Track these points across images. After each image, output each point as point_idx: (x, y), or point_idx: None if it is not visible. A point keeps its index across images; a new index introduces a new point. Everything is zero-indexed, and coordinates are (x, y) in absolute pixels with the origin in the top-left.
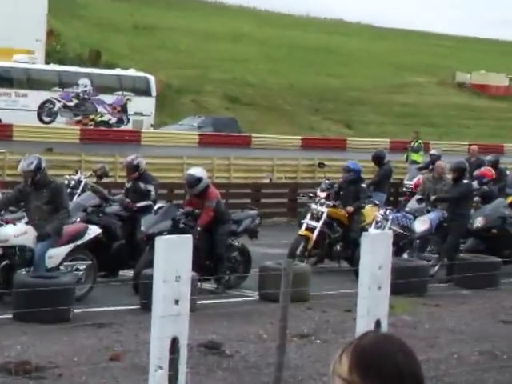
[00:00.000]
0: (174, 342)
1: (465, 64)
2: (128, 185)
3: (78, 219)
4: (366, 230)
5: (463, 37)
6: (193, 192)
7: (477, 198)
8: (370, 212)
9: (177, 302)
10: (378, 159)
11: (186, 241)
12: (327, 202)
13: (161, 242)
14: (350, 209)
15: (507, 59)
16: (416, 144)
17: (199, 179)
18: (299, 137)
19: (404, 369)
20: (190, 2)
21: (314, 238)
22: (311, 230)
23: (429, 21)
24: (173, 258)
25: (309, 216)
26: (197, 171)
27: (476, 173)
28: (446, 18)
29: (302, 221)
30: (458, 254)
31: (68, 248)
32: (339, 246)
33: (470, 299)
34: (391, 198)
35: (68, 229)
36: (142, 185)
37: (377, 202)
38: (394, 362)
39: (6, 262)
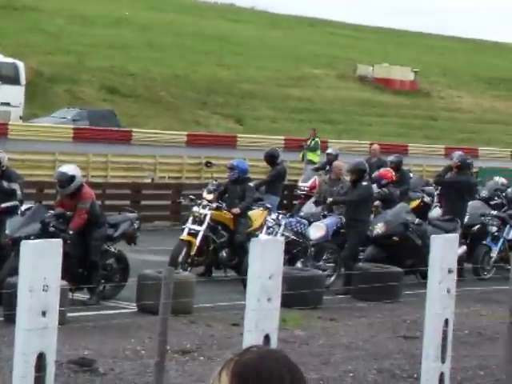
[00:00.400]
0: (41, 358)
1: (366, 56)
2: None
3: None
4: (255, 236)
5: (361, 26)
6: (64, 192)
7: (377, 203)
8: (259, 215)
9: (44, 313)
10: (271, 158)
11: (56, 246)
12: (210, 205)
13: (27, 247)
14: (236, 210)
15: (409, 51)
16: (313, 142)
17: (72, 178)
18: (185, 133)
19: None
20: None
21: (198, 244)
22: (194, 235)
23: (324, 7)
24: (40, 264)
25: (191, 220)
26: (69, 169)
27: (375, 174)
28: (342, 6)
29: (184, 226)
30: (356, 264)
31: None
32: (225, 252)
33: (369, 312)
34: (285, 202)
35: None
36: (5, 183)
37: (268, 206)
38: (277, 380)
39: None
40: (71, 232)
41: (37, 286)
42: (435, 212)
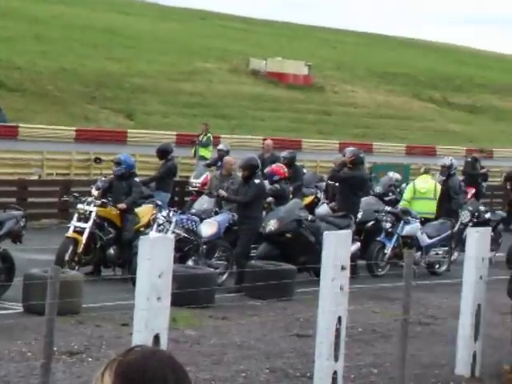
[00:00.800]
0: None
1: (258, 49)
2: None
3: None
4: (144, 233)
5: (253, 19)
6: None
7: (270, 199)
8: (146, 212)
9: None
10: (163, 153)
11: None
12: (95, 201)
13: None
14: (122, 206)
15: (301, 44)
16: (205, 138)
17: None
18: (73, 128)
19: None
20: None
21: (84, 241)
22: (80, 232)
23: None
24: None
25: (76, 217)
26: None
27: (267, 170)
28: None
29: (69, 224)
30: (249, 261)
31: None
32: (113, 249)
33: (262, 311)
34: (176, 198)
35: None
36: None
37: (158, 203)
38: (161, 381)
39: None
40: None
41: None
42: (322, 209)
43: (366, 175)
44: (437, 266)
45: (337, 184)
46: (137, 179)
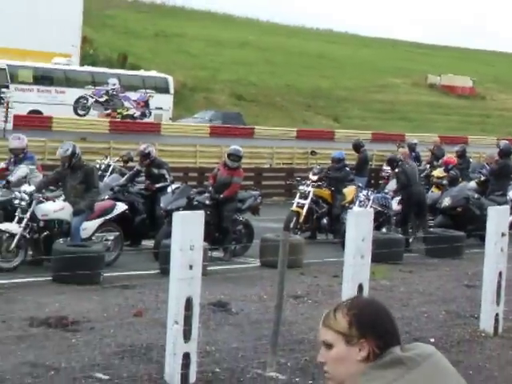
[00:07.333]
0: (189, 301)
1: (434, 68)
2: (140, 168)
3: (107, 197)
4: (349, 208)
5: (428, 44)
6: (233, 165)
7: (445, 182)
8: (350, 191)
9: (191, 267)
10: (356, 147)
11: (199, 216)
12: (313, 183)
13: (178, 217)
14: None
15: (467, 64)
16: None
17: (241, 157)
18: (295, 129)
19: (388, 326)
20: (202, 13)
21: (304, 214)
22: (301, 207)
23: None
24: (188, 230)
25: (298, 196)
26: (240, 149)
27: (441, 161)
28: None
29: (293, 200)
30: (428, 229)
31: (99, 221)
32: (325, 220)
33: (439, 267)
34: (372, 181)
35: (99, 205)
36: (155, 170)
37: (359, 184)
38: (381, 320)
39: (46, 233)
40: (222, 196)
41: (185, 246)
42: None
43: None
44: None
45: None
46: (347, 169)
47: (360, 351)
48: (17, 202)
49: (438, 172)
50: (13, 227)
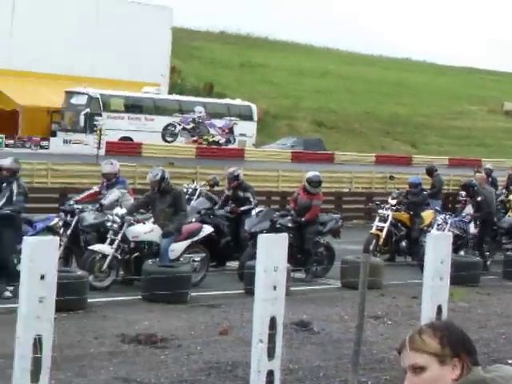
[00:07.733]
0: (273, 321)
1: (506, 95)
2: (228, 192)
3: (194, 220)
4: (427, 231)
5: (503, 72)
6: (311, 190)
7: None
8: (428, 215)
9: (275, 287)
10: (429, 171)
11: (283, 238)
12: (392, 207)
13: (262, 239)
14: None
15: None
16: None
17: (320, 182)
18: (373, 154)
19: (473, 344)
20: (285, 45)
21: (383, 236)
22: (380, 230)
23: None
24: (272, 252)
25: (377, 219)
26: (319, 175)
27: None
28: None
29: (373, 224)
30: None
31: (186, 243)
32: (404, 243)
33: None
34: (449, 206)
35: (186, 228)
36: (240, 193)
37: (438, 208)
38: (468, 338)
39: (136, 254)
40: (303, 219)
41: (269, 268)
42: None
43: None
44: None
45: None
46: (424, 193)
47: (454, 370)
48: (109, 224)
49: None
50: (105, 248)
